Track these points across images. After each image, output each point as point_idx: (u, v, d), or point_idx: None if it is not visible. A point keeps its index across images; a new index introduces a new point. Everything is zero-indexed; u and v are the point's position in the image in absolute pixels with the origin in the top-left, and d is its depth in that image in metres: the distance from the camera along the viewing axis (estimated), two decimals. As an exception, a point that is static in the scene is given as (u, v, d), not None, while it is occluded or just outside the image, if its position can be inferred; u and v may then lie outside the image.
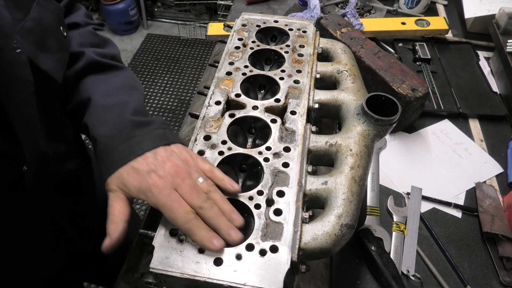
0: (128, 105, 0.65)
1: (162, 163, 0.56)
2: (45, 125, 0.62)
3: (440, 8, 1.56)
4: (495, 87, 1.20)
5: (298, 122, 0.64)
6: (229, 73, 0.72)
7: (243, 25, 0.84)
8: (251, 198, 0.54)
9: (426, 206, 0.93)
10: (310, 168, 0.60)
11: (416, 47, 1.29)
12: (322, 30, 1.14)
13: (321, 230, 0.52)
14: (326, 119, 0.90)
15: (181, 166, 0.56)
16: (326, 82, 0.76)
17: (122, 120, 0.61)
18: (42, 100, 0.58)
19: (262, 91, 0.74)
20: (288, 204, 0.54)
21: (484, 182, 0.97)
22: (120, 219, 0.54)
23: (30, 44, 0.54)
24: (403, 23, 1.30)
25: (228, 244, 0.50)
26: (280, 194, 0.55)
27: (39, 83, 0.55)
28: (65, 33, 0.63)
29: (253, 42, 0.80)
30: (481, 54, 1.31)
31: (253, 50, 0.78)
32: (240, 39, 0.80)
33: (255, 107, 0.66)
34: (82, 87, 0.67)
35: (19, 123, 0.52)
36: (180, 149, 0.59)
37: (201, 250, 0.50)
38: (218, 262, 0.49)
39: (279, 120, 0.65)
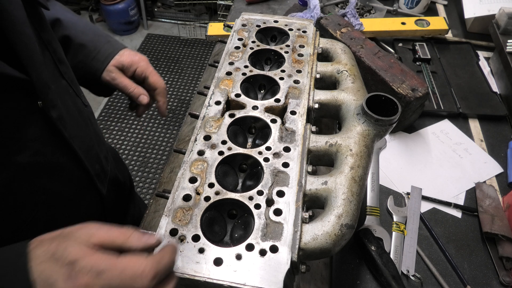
0: (88, 21, 0.94)
1: (135, 53, 0.93)
2: (44, 56, 0.65)
3: (440, 8, 1.56)
4: (495, 87, 1.20)
5: (298, 122, 0.64)
6: (229, 73, 0.72)
7: (243, 25, 0.84)
8: (251, 198, 0.54)
9: (426, 206, 0.93)
10: (310, 168, 0.60)
11: (416, 47, 1.29)
12: (322, 30, 1.14)
13: (321, 230, 0.52)
14: (326, 119, 0.90)
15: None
16: (326, 82, 0.76)
17: (97, 30, 0.91)
18: (36, 29, 0.64)
19: (262, 91, 0.74)
20: (288, 204, 0.54)
21: (484, 182, 0.97)
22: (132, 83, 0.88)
23: None
24: (403, 23, 1.30)
25: (227, 244, 0.50)
26: (280, 194, 0.55)
27: (30, 11, 0.62)
28: None
29: (253, 42, 0.80)
30: (481, 54, 1.31)
31: (253, 50, 0.77)
32: (240, 39, 0.80)
33: (255, 107, 0.66)
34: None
35: (20, 43, 0.57)
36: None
37: (201, 250, 0.50)
38: (218, 262, 0.49)
39: (279, 120, 0.64)
